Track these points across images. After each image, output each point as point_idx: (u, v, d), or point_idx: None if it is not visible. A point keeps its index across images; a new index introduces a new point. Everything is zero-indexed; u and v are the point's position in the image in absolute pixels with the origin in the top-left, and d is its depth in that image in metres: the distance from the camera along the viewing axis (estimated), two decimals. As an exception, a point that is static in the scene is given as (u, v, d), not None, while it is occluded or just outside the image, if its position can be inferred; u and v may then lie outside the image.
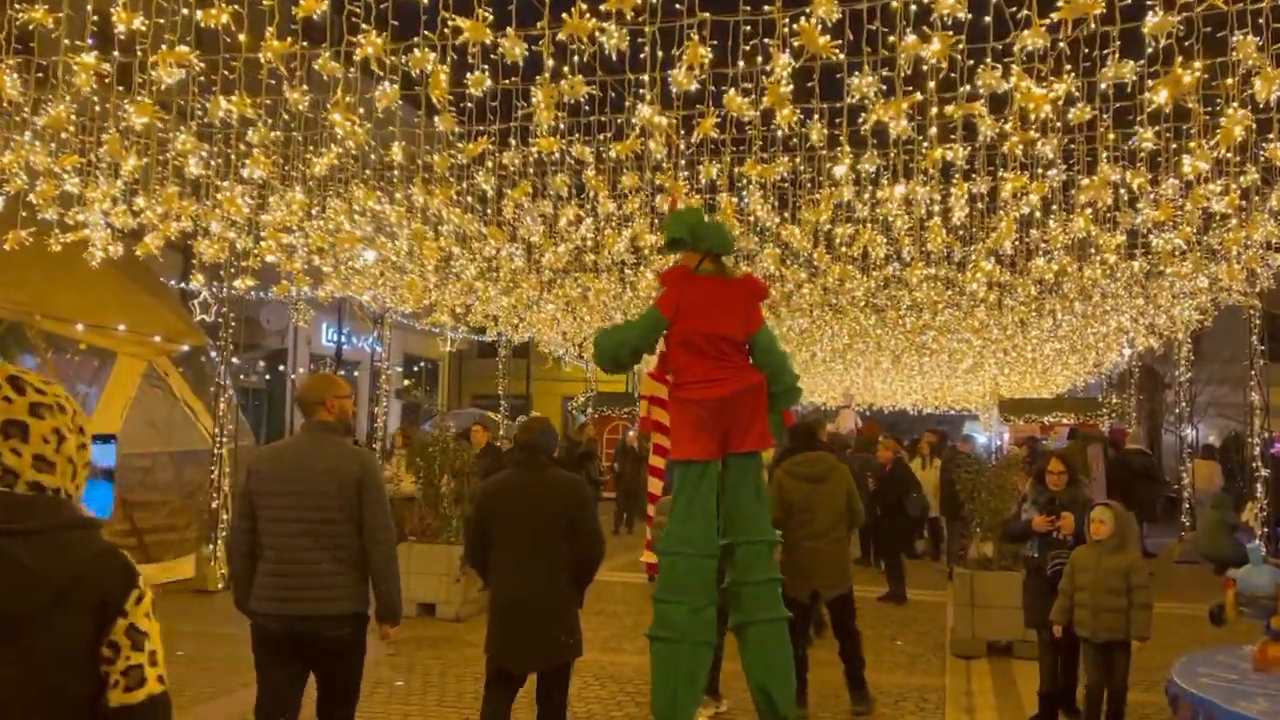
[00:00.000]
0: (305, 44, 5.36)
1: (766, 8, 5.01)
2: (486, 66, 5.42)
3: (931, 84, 5.35)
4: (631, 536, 16.49)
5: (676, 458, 5.22)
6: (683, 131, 6.61)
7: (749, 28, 5.13)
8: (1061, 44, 4.95)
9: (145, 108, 5.52)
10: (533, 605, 4.94)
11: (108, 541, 2.06)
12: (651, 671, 5.12)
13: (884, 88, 5.14)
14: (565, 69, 5.73)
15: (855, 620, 7.12)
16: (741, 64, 5.21)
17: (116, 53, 5.63)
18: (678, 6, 5.11)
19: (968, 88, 5.45)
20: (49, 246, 9.06)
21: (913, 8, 4.95)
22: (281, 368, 28.54)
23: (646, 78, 5.43)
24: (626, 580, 12.00)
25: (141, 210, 7.94)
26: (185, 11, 5.33)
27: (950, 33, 4.90)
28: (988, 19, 4.98)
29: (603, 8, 4.93)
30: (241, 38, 5.15)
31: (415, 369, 34.53)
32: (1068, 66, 5.19)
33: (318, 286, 10.64)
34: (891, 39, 5.05)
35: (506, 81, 5.91)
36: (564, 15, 5.00)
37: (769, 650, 5.10)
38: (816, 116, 6.54)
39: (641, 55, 5.26)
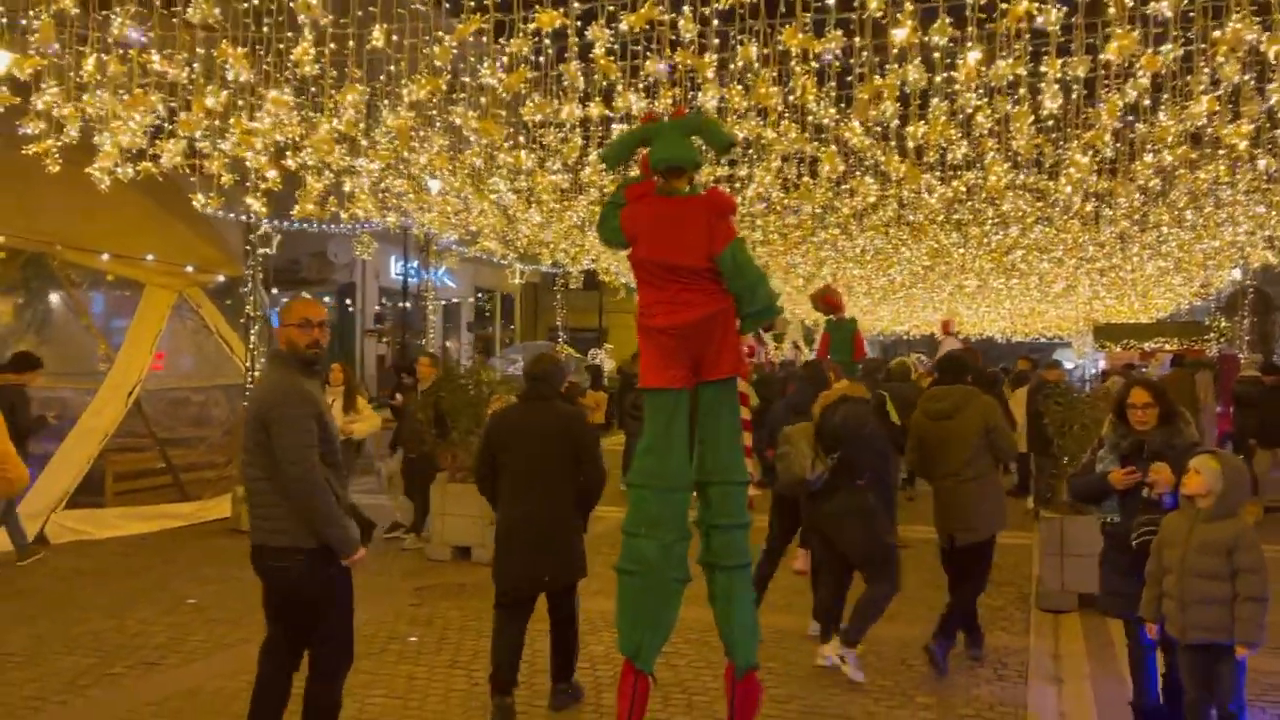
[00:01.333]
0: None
1: None
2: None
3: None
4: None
5: (644, 386, 4.84)
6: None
7: None
8: None
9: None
10: (535, 530, 5.27)
11: None
12: (617, 605, 4.80)
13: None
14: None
15: (985, 575, 6.53)
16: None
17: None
18: None
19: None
20: (45, 167, 8.44)
21: None
22: (348, 301, 28.33)
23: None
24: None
25: (118, 118, 7.19)
26: None
27: None
28: None
29: None
30: None
31: (476, 299, 33.94)
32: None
33: (339, 210, 9.84)
34: None
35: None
36: None
37: (732, 597, 4.79)
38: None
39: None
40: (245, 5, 6.46)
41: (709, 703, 5.62)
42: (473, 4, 5.59)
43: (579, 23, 6.00)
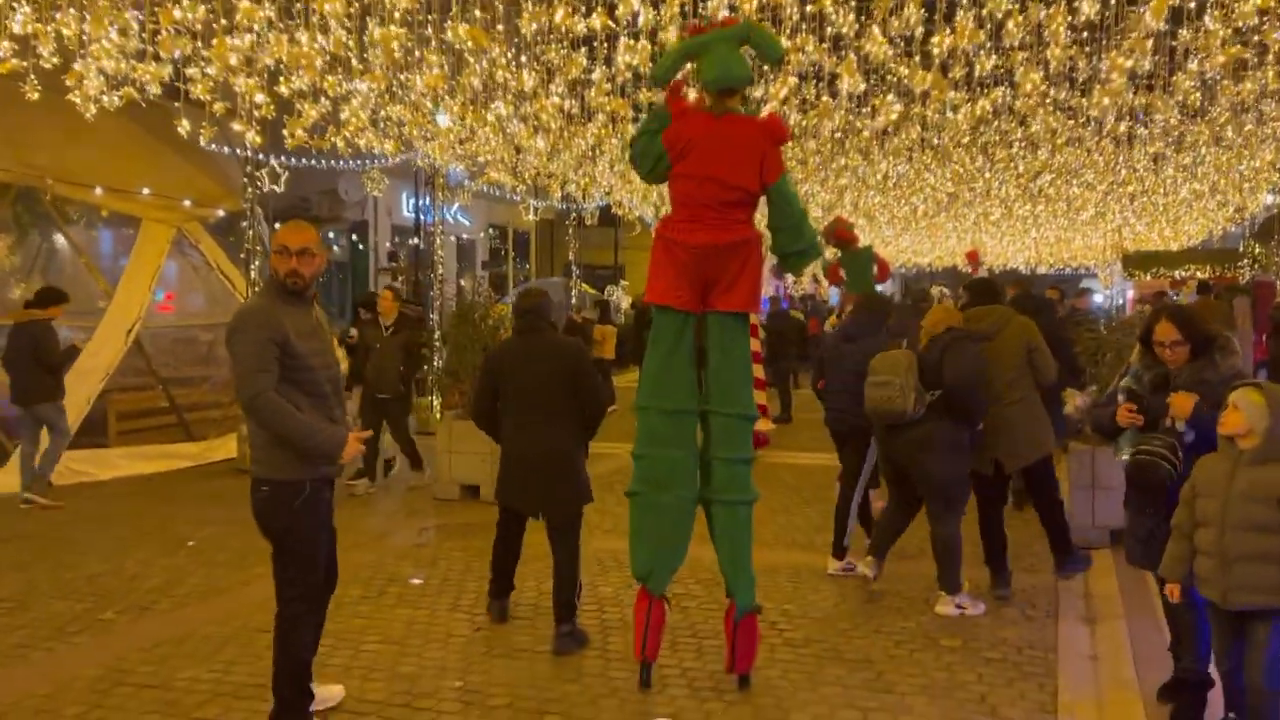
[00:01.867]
0: None
1: None
2: None
3: None
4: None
5: (650, 300, 4.75)
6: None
7: None
8: None
9: None
10: (537, 461, 5.37)
11: None
12: (630, 530, 4.77)
13: None
14: None
15: (1054, 491, 6.46)
16: None
17: None
18: None
19: None
20: (26, 94, 8.05)
21: None
22: (355, 238, 27.97)
23: None
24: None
25: (95, 40, 6.78)
26: None
27: None
28: None
29: None
30: None
31: (488, 234, 33.40)
32: None
33: (335, 140, 9.39)
34: None
35: None
36: None
37: (732, 533, 4.71)
38: None
39: None
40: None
41: (720, 647, 5.33)
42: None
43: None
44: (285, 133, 8.54)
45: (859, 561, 6.30)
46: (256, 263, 10.96)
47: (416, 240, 27.43)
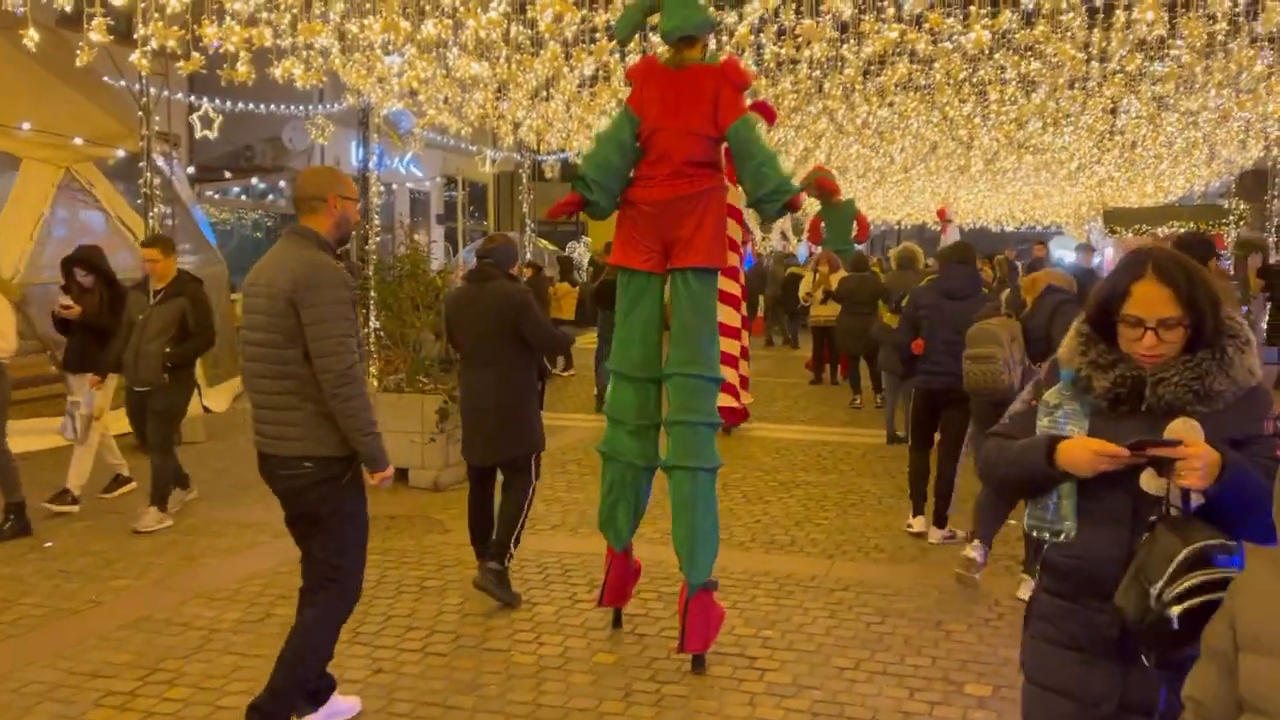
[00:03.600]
0: None
1: None
2: None
3: None
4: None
5: (612, 263, 4.80)
6: None
7: None
8: None
9: None
10: (486, 408, 5.44)
11: None
12: (600, 483, 4.84)
13: None
14: None
15: None
16: None
17: None
18: None
19: None
20: None
21: None
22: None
23: None
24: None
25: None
26: None
27: None
28: None
29: None
30: None
31: (440, 180, 31.79)
32: None
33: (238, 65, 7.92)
34: None
35: None
36: None
37: (691, 502, 4.52)
38: None
39: None
40: None
41: (684, 698, 4.18)
42: None
43: None
44: (154, 44, 7.10)
45: (968, 546, 5.37)
46: (155, 209, 9.54)
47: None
